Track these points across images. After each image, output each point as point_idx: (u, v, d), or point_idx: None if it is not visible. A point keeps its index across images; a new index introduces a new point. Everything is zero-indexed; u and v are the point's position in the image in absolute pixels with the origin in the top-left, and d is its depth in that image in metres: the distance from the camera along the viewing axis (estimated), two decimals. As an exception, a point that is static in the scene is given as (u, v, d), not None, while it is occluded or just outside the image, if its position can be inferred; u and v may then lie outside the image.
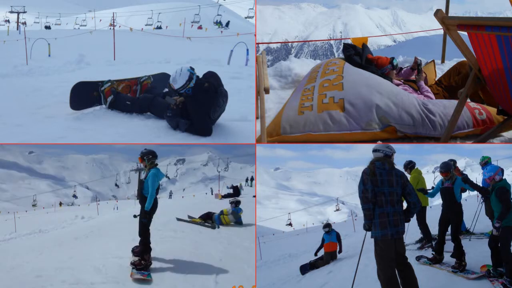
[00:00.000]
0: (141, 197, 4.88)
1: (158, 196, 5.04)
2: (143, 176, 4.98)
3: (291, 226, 19.72)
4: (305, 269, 6.98)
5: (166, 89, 7.13)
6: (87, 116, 6.62)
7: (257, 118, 6.23)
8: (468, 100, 5.61)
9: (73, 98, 6.59)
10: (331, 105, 5.61)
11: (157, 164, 5.00)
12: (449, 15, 6.11)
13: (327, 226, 7.47)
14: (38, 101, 7.36)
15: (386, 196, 3.76)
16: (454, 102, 5.22)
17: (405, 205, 3.96)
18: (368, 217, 3.77)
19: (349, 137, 5.52)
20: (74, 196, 33.52)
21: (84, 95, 6.74)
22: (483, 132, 5.52)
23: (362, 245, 4.22)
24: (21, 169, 76.59)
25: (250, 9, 22.04)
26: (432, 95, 6.25)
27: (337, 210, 21.69)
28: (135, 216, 5.04)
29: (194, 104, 5.95)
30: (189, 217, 8.34)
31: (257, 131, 5.82)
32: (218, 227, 7.62)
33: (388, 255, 3.74)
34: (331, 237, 7.23)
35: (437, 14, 4.46)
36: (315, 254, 7.33)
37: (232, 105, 6.47)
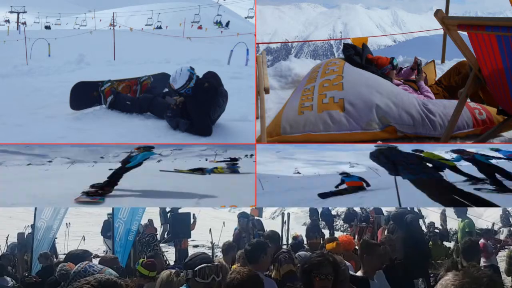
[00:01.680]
0: None
1: None
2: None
3: (299, 174, 18.42)
4: (326, 195, 5.97)
5: (166, 89, 7.12)
6: (87, 116, 6.60)
7: (257, 118, 6.22)
8: (468, 100, 5.60)
9: (73, 98, 6.57)
10: (331, 105, 5.60)
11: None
12: (449, 15, 6.11)
13: (345, 173, 6.33)
14: (38, 101, 7.33)
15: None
16: (454, 102, 5.22)
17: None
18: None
19: (349, 137, 5.51)
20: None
21: (84, 95, 6.72)
22: (483, 132, 5.52)
23: None
24: (21, 169, 76.58)
25: (250, 9, 21.99)
26: (432, 95, 6.24)
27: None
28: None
29: (194, 104, 5.94)
30: (176, 170, 7.82)
31: (257, 131, 5.82)
32: (209, 174, 7.24)
33: None
34: (352, 178, 6.23)
35: (437, 14, 4.46)
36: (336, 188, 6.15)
37: (232, 105, 6.44)
